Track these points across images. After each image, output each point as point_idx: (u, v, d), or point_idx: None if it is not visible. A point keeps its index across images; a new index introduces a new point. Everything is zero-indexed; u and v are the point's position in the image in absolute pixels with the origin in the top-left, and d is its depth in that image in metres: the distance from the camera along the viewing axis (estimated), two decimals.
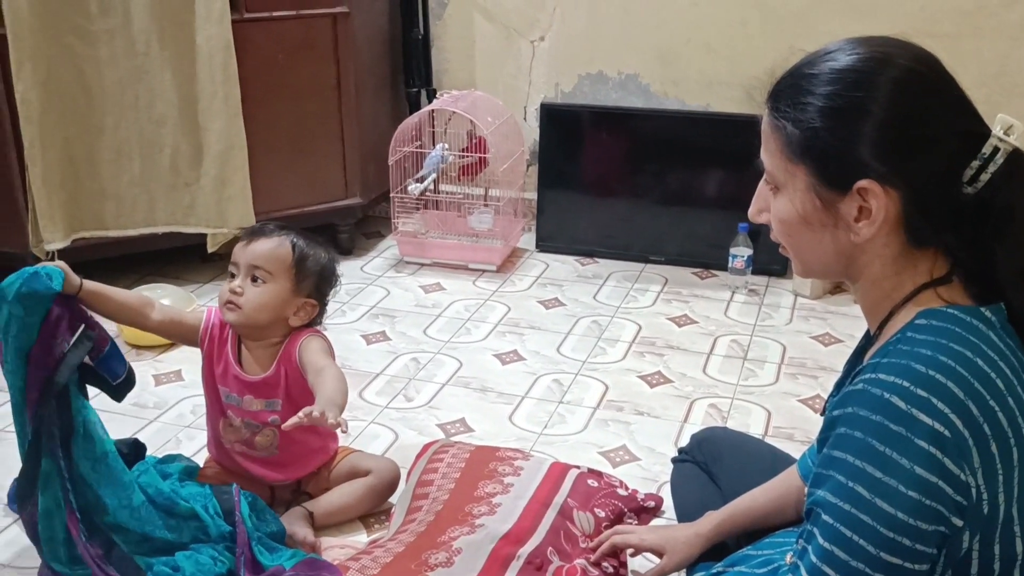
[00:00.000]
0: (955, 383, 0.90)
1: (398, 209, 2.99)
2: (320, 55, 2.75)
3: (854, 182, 0.95)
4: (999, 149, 0.94)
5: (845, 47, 1.00)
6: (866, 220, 0.96)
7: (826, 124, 0.96)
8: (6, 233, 2.54)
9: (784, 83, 1.02)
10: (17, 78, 2.34)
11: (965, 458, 0.89)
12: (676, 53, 2.96)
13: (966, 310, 0.96)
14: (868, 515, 0.91)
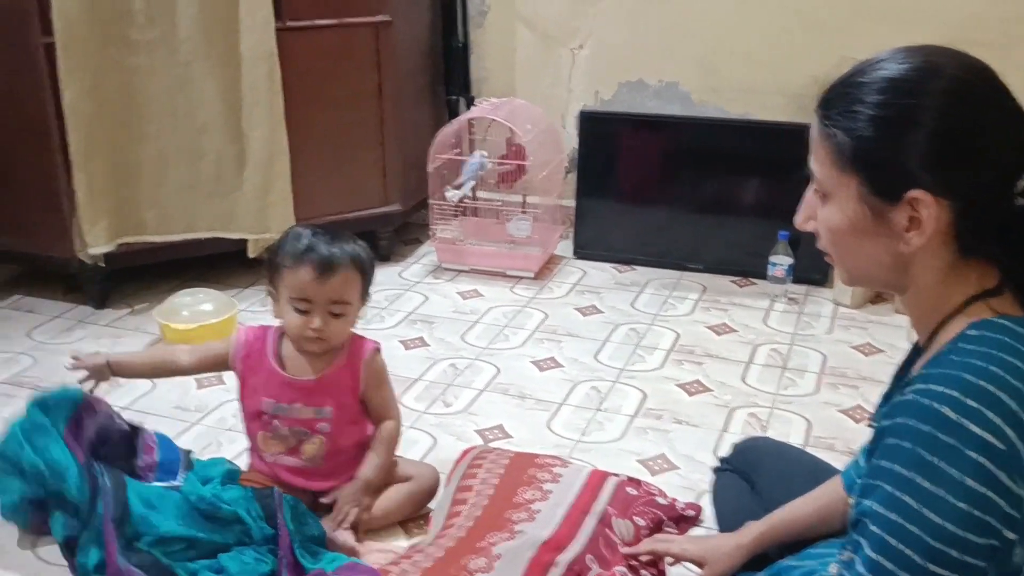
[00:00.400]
0: (1007, 394, 0.89)
1: (436, 216, 3.00)
2: (362, 63, 2.77)
3: (905, 192, 0.94)
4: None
5: (896, 56, 0.99)
6: (916, 230, 0.96)
7: (877, 133, 0.95)
8: (52, 238, 2.60)
9: (834, 91, 1.01)
10: (66, 87, 2.39)
11: (1017, 470, 0.88)
12: (717, 61, 2.95)
13: (1018, 321, 0.96)
14: (916, 526, 0.90)
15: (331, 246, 1.66)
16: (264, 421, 1.72)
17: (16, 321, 2.63)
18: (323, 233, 1.70)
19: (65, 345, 2.48)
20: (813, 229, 1.07)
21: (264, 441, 1.73)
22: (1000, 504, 0.88)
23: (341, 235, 1.72)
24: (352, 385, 1.73)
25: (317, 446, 1.72)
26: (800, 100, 2.84)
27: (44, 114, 2.45)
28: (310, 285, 1.64)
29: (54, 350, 2.45)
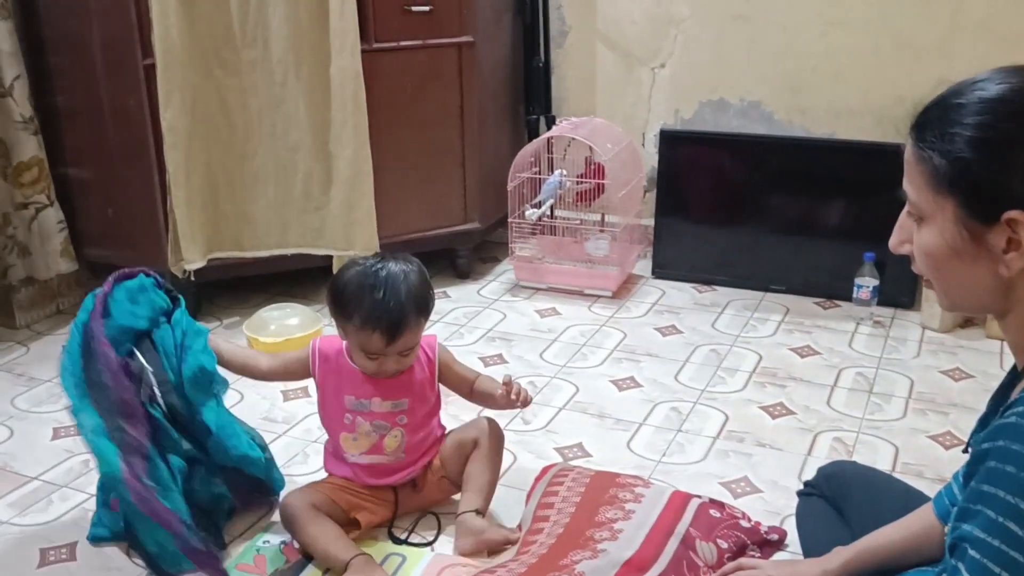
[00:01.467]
0: None
1: (515, 234, 3.03)
2: (445, 83, 2.82)
3: (1003, 213, 0.94)
4: None
5: (995, 77, 0.98)
6: (1015, 252, 0.95)
7: (976, 155, 0.95)
8: (147, 252, 2.69)
9: (931, 113, 1.01)
10: (165, 107, 2.48)
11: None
12: (802, 81, 2.92)
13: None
14: (1020, 552, 0.88)
15: (395, 297, 1.65)
16: (346, 423, 1.76)
17: None
18: (382, 271, 1.68)
19: None
20: (908, 252, 1.06)
21: (347, 442, 1.77)
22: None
23: (399, 269, 1.69)
24: (429, 378, 1.80)
25: (399, 439, 1.77)
26: (887, 120, 2.80)
27: (144, 133, 2.55)
28: (381, 348, 1.68)
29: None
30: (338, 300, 1.70)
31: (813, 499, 1.59)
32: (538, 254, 3.07)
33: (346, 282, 1.69)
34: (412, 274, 1.70)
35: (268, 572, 1.67)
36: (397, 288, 1.66)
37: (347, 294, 1.68)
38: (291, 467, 2.00)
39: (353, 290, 1.68)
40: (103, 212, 2.75)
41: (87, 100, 2.63)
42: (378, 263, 1.70)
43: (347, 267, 1.73)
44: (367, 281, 1.67)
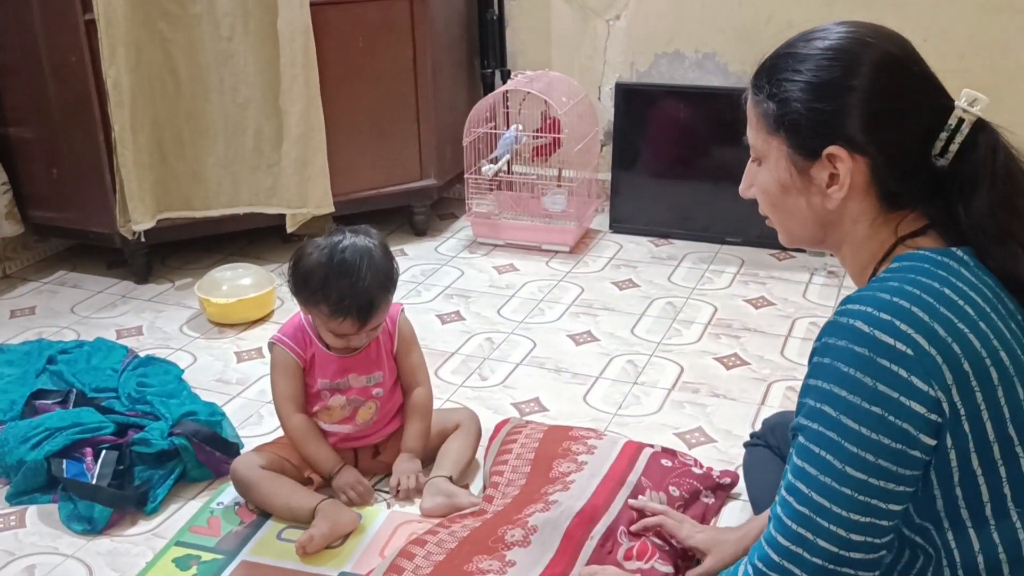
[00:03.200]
0: (919, 308, 0.94)
1: (472, 190, 3.00)
2: (398, 37, 2.77)
3: (823, 148, 1.02)
4: (963, 120, 1.01)
5: (830, 28, 1.09)
6: (836, 185, 1.04)
7: (802, 96, 1.04)
8: (96, 214, 2.64)
9: (768, 63, 1.10)
10: (109, 63, 2.41)
11: (933, 375, 0.92)
12: (757, 32, 2.90)
13: (937, 251, 1.01)
14: (835, 432, 0.95)
15: (362, 281, 1.61)
16: (323, 399, 1.76)
17: (61, 296, 2.69)
18: (340, 251, 1.63)
19: (108, 320, 2.53)
20: (753, 195, 1.15)
21: (321, 414, 1.77)
22: (916, 408, 0.92)
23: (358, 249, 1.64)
24: (388, 347, 1.79)
25: (372, 411, 1.78)
26: None
27: (87, 91, 2.48)
28: (352, 331, 1.66)
29: (96, 324, 2.50)
30: (304, 288, 1.66)
31: (759, 449, 1.61)
32: (495, 210, 3.06)
33: (310, 269, 1.64)
34: (375, 251, 1.66)
35: (222, 533, 1.66)
36: (363, 271, 1.62)
37: (313, 282, 1.64)
38: (246, 428, 1.99)
39: (319, 278, 1.63)
40: (47, 173, 2.68)
41: (26, 57, 2.54)
42: (339, 243, 1.65)
43: (307, 250, 1.67)
44: (332, 267, 1.63)
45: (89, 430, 1.79)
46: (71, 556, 1.64)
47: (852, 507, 0.94)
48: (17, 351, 2.23)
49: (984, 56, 2.66)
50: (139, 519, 1.72)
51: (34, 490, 1.76)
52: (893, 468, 0.93)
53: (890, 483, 0.94)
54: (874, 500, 0.94)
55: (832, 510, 0.95)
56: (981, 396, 0.94)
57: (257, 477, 1.69)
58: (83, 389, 1.99)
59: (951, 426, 0.93)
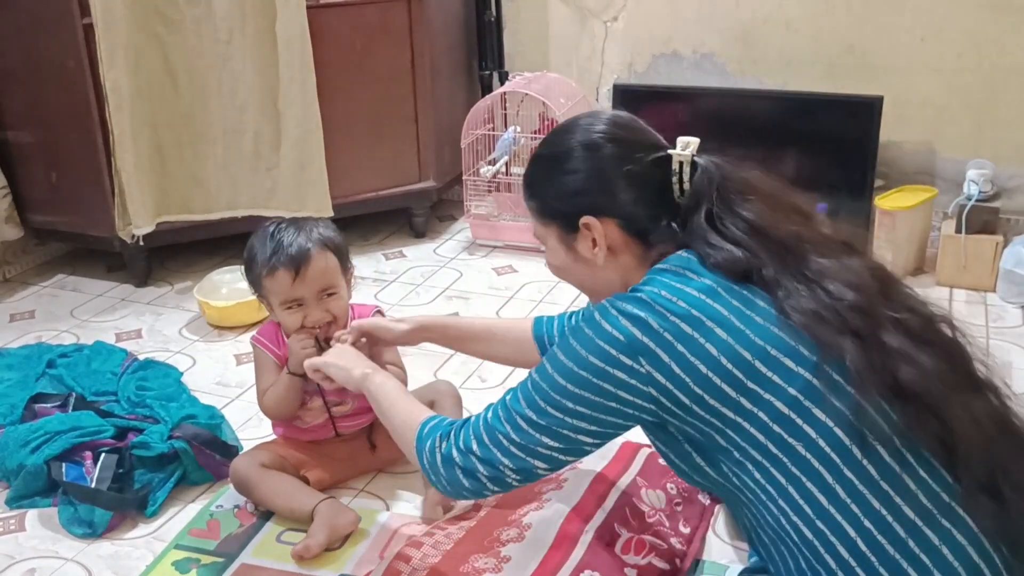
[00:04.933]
0: (640, 308, 1.16)
1: (470, 192, 3.01)
2: (395, 39, 2.78)
3: (579, 221, 1.26)
4: (682, 162, 1.24)
5: (559, 131, 1.34)
6: (597, 248, 1.27)
7: (549, 189, 1.30)
8: (93, 217, 2.65)
9: (526, 173, 1.36)
10: (109, 66, 2.42)
11: (642, 354, 1.15)
12: (755, 31, 2.91)
13: (667, 260, 1.23)
14: (545, 382, 1.21)
15: (295, 238, 1.66)
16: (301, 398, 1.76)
17: (60, 299, 2.69)
18: (284, 226, 1.70)
19: (107, 323, 2.53)
20: (555, 274, 1.37)
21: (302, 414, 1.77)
22: (614, 373, 1.16)
23: (302, 223, 1.72)
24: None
25: (348, 407, 1.79)
26: (837, 69, 2.81)
27: (85, 95, 2.49)
28: (292, 286, 1.66)
29: (96, 327, 2.50)
30: (247, 262, 1.71)
31: None
32: (494, 212, 3.06)
33: (250, 245, 1.71)
34: (316, 223, 1.72)
35: (222, 536, 1.66)
36: (297, 230, 1.68)
37: (253, 248, 1.70)
38: (245, 430, 1.99)
39: (258, 240, 1.70)
40: (47, 177, 2.68)
41: (25, 62, 2.55)
42: (279, 221, 1.72)
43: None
44: (267, 232, 1.70)
45: (89, 433, 1.80)
46: (71, 560, 1.64)
47: (546, 434, 1.21)
48: (17, 355, 2.23)
49: (981, 55, 2.67)
50: (139, 522, 1.72)
51: (34, 494, 1.77)
52: (587, 412, 1.18)
53: (582, 422, 1.20)
54: (565, 431, 1.20)
55: (528, 432, 1.22)
56: (704, 367, 1.13)
57: (257, 476, 1.69)
58: (83, 393, 1.99)
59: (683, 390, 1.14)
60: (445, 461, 1.29)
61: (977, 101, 2.71)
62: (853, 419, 1.08)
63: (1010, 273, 2.49)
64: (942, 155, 2.80)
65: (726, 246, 1.19)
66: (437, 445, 1.31)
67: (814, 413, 1.10)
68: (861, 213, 2.75)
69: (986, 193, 2.56)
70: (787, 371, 1.11)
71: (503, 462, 1.24)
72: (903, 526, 1.06)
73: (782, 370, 1.12)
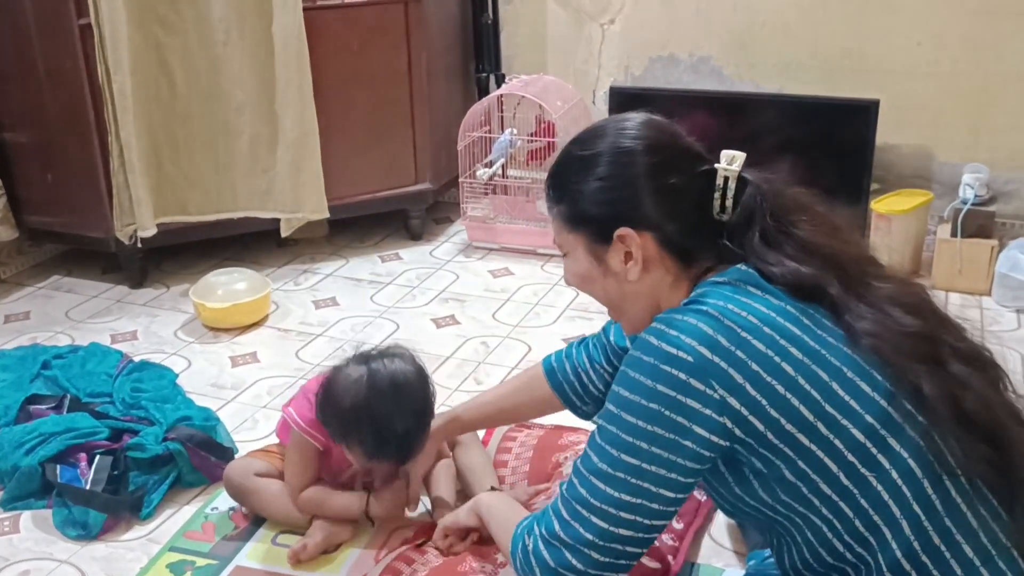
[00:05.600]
0: (705, 322, 1.06)
1: (467, 194, 3.00)
2: (392, 41, 2.77)
3: (613, 232, 1.16)
4: (727, 177, 1.15)
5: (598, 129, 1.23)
6: (632, 261, 1.17)
7: (587, 193, 1.18)
8: (90, 218, 2.64)
9: (553, 171, 1.25)
10: (116, 70, 2.41)
11: (714, 377, 1.04)
12: (752, 35, 2.91)
13: (724, 274, 1.13)
14: (614, 425, 1.09)
15: (397, 424, 1.49)
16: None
17: (55, 301, 2.68)
18: (373, 384, 1.50)
19: (102, 324, 2.52)
20: (575, 286, 1.27)
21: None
22: (693, 406, 1.05)
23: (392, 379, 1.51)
24: None
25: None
26: (835, 73, 2.81)
27: (81, 96, 2.48)
28: (391, 470, 1.60)
29: (91, 329, 2.49)
30: (335, 424, 1.54)
31: None
32: (490, 214, 3.06)
33: (343, 410, 1.51)
34: (410, 378, 1.53)
35: (216, 539, 1.66)
36: (399, 413, 1.50)
37: (346, 425, 1.52)
38: (240, 433, 1.98)
39: (352, 421, 1.51)
40: (42, 178, 2.67)
41: (21, 62, 2.54)
42: (369, 372, 1.51)
43: (337, 384, 1.53)
44: (365, 407, 1.49)
45: (83, 435, 1.80)
46: (65, 561, 1.63)
47: (623, 488, 1.08)
48: (12, 356, 2.22)
49: (977, 59, 2.67)
50: (134, 524, 1.72)
51: (28, 495, 1.76)
52: (664, 455, 1.06)
53: (661, 469, 1.07)
54: (645, 483, 1.08)
55: (605, 491, 1.09)
56: (781, 387, 1.04)
57: (252, 485, 1.68)
58: (77, 394, 1.99)
59: (758, 414, 1.04)
60: (537, 559, 1.16)
61: (973, 105, 2.72)
62: (927, 450, 1.04)
63: (1005, 277, 2.49)
64: (938, 159, 2.81)
65: (788, 263, 1.11)
66: (525, 543, 1.19)
67: (889, 443, 1.04)
68: (857, 217, 2.75)
69: (982, 197, 2.57)
70: (864, 396, 1.05)
71: (587, 538, 1.11)
72: (961, 565, 1.03)
73: (859, 395, 1.05)
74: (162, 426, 1.82)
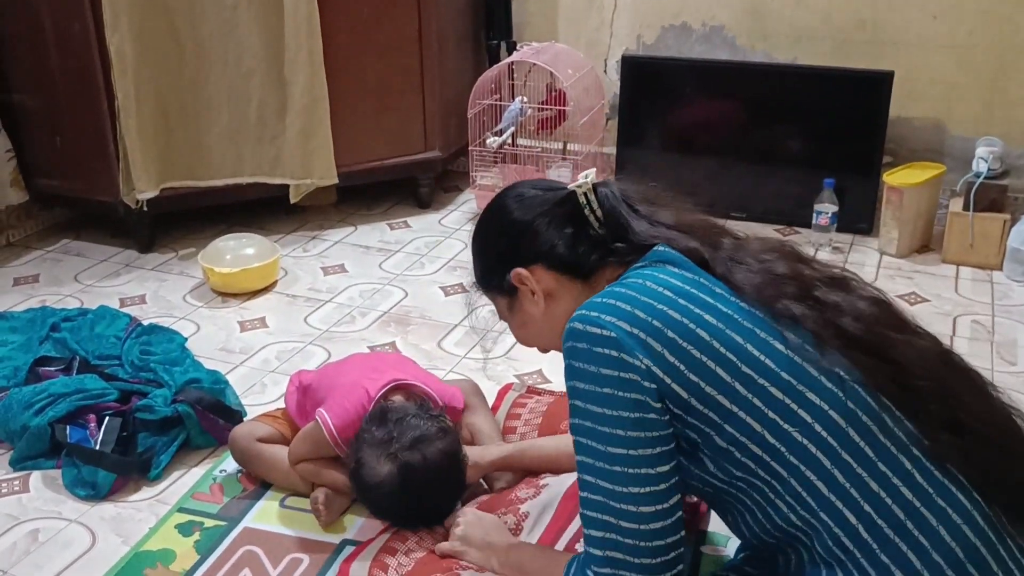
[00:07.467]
0: (621, 300, 1.10)
1: (476, 163, 2.99)
2: (403, 8, 2.75)
3: (508, 278, 1.26)
4: (585, 192, 1.23)
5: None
6: (537, 295, 1.25)
7: (480, 266, 1.35)
8: (98, 182, 2.64)
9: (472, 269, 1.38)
10: (113, 30, 2.40)
11: (638, 348, 1.06)
12: (765, 5, 2.88)
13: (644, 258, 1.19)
14: (588, 420, 1.09)
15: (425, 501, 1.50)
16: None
17: (65, 264, 2.69)
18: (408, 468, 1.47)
19: (111, 288, 2.53)
20: (522, 343, 1.36)
21: None
22: (630, 378, 1.06)
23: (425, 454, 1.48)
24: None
25: None
26: (848, 45, 2.78)
27: (90, 59, 2.47)
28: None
29: (100, 292, 2.50)
30: (363, 496, 1.54)
31: None
32: (500, 182, 3.04)
33: (374, 499, 1.52)
34: (437, 450, 1.49)
35: (225, 500, 1.67)
36: (431, 494, 1.50)
37: (378, 509, 1.54)
38: (248, 397, 1.99)
39: (383, 508, 1.53)
40: (51, 142, 2.67)
41: (29, 26, 2.53)
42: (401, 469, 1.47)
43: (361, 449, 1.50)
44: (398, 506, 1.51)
45: (93, 397, 1.80)
46: (75, 521, 1.65)
47: (629, 482, 1.07)
48: (21, 318, 2.23)
49: (993, 32, 2.64)
50: (142, 485, 1.73)
51: (38, 455, 1.77)
52: (642, 435, 1.06)
53: (646, 449, 1.06)
54: (643, 469, 1.06)
55: (616, 490, 1.07)
56: (697, 351, 1.07)
57: (255, 450, 1.69)
58: (86, 357, 2.00)
59: (679, 380, 1.06)
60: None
61: (988, 79, 2.69)
62: (845, 398, 1.05)
63: (1017, 251, 2.48)
64: (951, 132, 2.78)
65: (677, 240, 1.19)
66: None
67: (808, 396, 1.05)
68: (869, 189, 2.74)
69: (995, 171, 2.55)
70: (779, 354, 1.07)
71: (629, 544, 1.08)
72: (902, 508, 1.03)
73: (773, 353, 1.07)
74: (171, 388, 1.83)
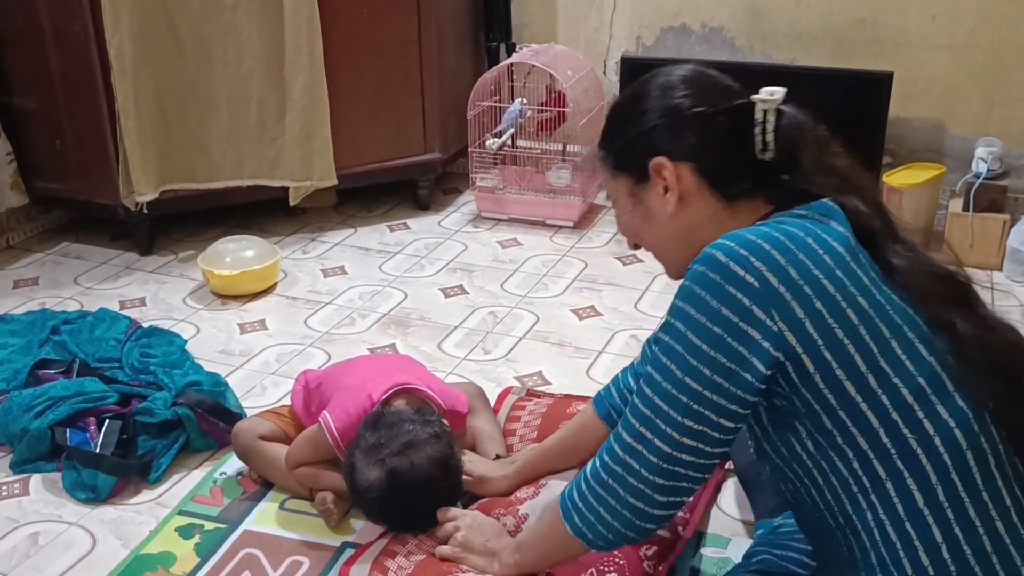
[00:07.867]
0: (778, 250, 1.02)
1: (476, 164, 2.99)
2: (402, 9, 2.75)
3: (647, 165, 1.15)
4: (767, 111, 1.12)
5: (628, 88, 1.25)
6: (669, 192, 1.15)
7: (618, 135, 1.20)
8: (98, 185, 2.64)
9: (603, 127, 1.25)
10: (112, 32, 2.40)
11: (777, 308, 1.00)
12: (764, 5, 2.88)
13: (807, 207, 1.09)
14: (680, 345, 1.05)
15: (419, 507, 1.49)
16: None
17: (65, 267, 2.69)
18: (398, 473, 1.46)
19: (111, 291, 2.53)
20: (623, 234, 1.26)
21: None
22: (749, 332, 1.01)
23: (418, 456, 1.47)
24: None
25: None
26: (847, 45, 2.78)
27: (89, 60, 2.47)
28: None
29: (100, 295, 2.50)
30: (356, 500, 1.54)
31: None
32: (499, 184, 3.04)
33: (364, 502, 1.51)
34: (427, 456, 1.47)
35: (225, 503, 1.67)
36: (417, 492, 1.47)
37: (364, 502, 1.51)
38: (248, 399, 1.99)
39: (374, 512, 1.52)
40: (51, 144, 2.67)
41: (28, 26, 2.53)
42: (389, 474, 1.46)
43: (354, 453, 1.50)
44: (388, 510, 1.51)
45: (93, 399, 1.80)
46: (75, 524, 1.64)
47: (687, 414, 1.05)
48: (21, 321, 2.23)
49: (992, 32, 2.64)
50: (142, 488, 1.73)
51: (38, 458, 1.77)
52: (725, 385, 1.03)
53: (722, 399, 1.03)
54: (707, 411, 1.04)
55: (670, 414, 1.05)
56: (841, 332, 1.01)
57: (256, 447, 1.69)
58: (86, 359, 2.00)
59: (811, 353, 1.01)
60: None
61: (987, 79, 2.69)
62: (974, 421, 1.01)
63: (1017, 252, 2.48)
64: (951, 132, 2.78)
65: (846, 200, 1.08)
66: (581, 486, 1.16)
67: (937, 408, 1.00)
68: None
69: (994, 171, 2.55)
70: (920, 358, 1.02)
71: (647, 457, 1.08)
72: (991, 540, 0.99)
73: (915, 356, 1.02)
74: (171, 391, 1.83)
